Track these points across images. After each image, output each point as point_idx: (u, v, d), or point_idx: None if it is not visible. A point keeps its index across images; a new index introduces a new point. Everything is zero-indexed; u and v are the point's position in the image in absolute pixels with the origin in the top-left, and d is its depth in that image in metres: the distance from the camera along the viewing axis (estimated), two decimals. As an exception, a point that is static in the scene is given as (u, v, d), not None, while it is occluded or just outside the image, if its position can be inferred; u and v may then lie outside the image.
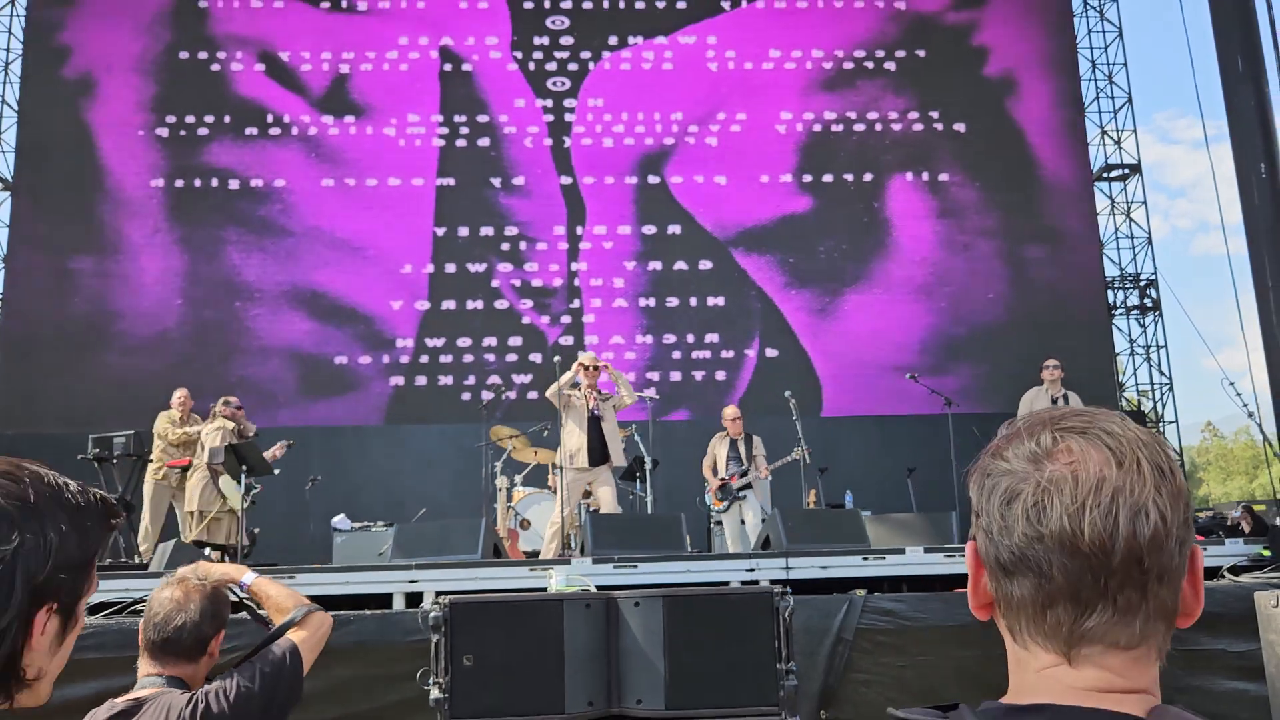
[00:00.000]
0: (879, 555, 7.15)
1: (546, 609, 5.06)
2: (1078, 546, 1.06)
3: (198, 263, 14.11)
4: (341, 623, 5.87)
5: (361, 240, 13.90)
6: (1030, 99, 17.00)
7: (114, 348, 14.11)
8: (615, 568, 6.84)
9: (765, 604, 5.01)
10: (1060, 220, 16.62)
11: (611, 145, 14.22)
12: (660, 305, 14.46)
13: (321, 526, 11.78)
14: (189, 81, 13.97)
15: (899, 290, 15.80)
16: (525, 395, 14.06)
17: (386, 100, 13.92)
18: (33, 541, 1.32)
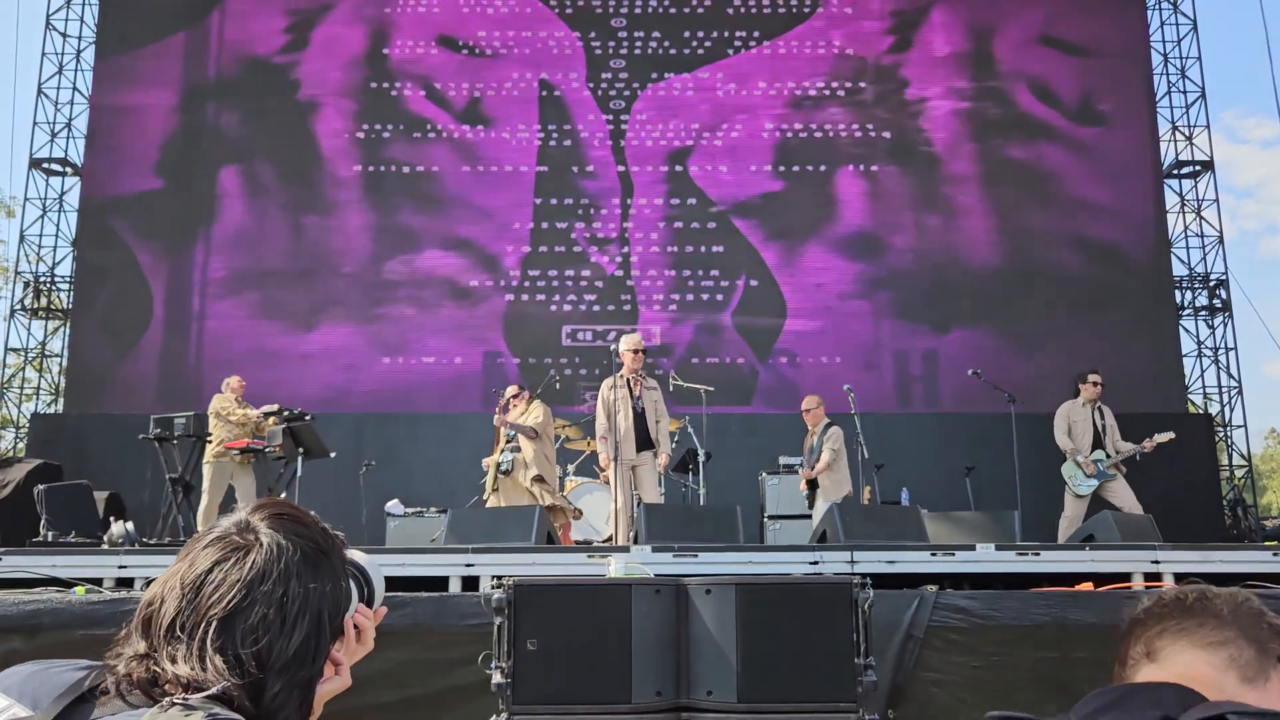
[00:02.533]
0: (948, 551, 6.90)
1: (614, 594, 4.86)
2: None
3: (383, 219, 16.71)
4: (399, 604, 5.76)
5: (488, 207, 16.72)
6: (1101, 90, 16.95)
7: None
8: (675, 556, 6.62)
9: (844, 595, 4.76)
10: (1129, 217, 16.55)
11: (651, 145, 17.07)
12: (681, 251, 16.68)
13: (375, 512, 11.83)
14: (377, 102, 16.96)
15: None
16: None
17: (504, 114, 17.08)
18: (333, 585, 1.42)
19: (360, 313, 16.26)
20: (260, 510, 1.45)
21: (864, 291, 16.44)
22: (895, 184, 16.79)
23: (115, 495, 11.94)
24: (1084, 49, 17.05)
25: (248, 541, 1.38)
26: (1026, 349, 15.69)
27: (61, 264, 17.21)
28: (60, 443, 14.84)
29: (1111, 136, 16.78)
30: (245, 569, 1.35)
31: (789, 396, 14.60)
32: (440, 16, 17.32)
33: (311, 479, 10.57)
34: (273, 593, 1.34)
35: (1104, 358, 15.26)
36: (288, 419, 10.40)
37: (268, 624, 1.32)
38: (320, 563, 1.41)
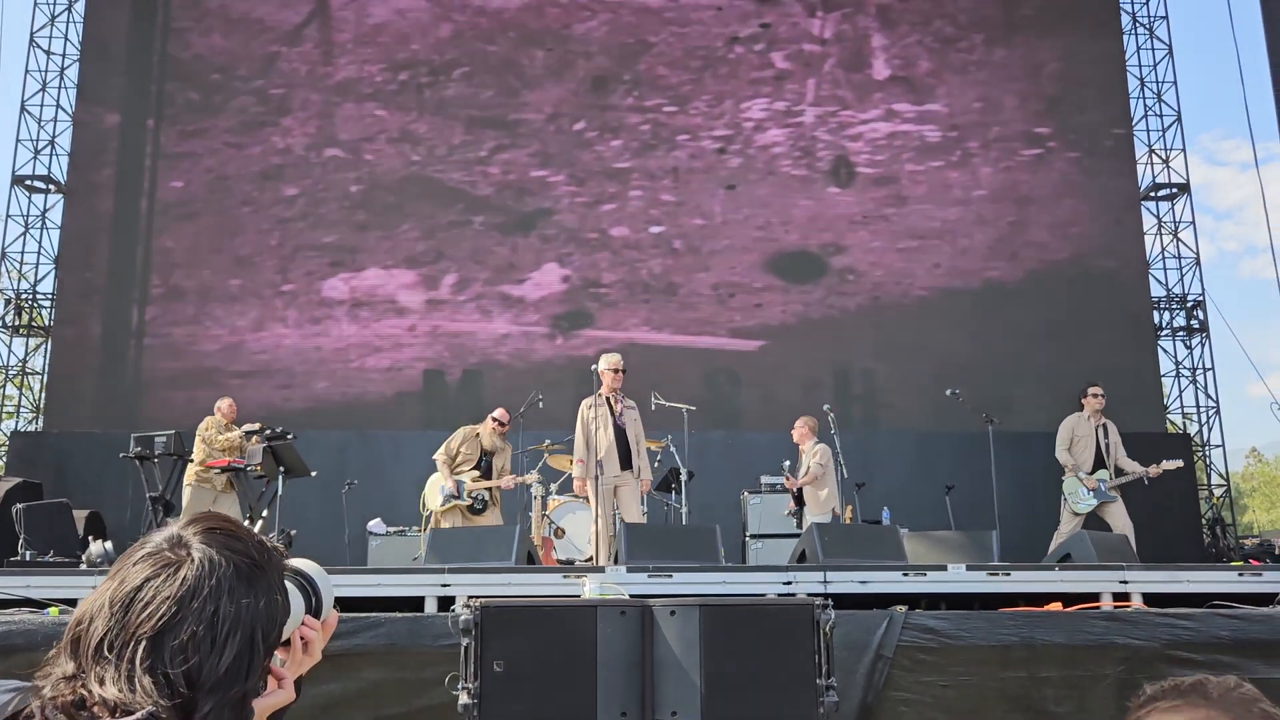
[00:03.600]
0: (919, 571, 6.96)
1: (580, 615, 4.92)
2: None
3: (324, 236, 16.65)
4: (372, 624, 5.78)
5: (431, 224, 15.97)
6: (1078, 115, 16.94)
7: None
8: (650, 577, 6.65)
9: (805, 616, 4.85)
10: (1106, 238, 16.60)
11: (595, 163, 16.90)
12: (622, 269, 16.73)
13: (357, 531, 11.80)
14: (323, 118, 16.86)
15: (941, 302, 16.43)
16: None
17: (445, 132, 16.53)
18: (268, 601, 1.39)
19: (299, 330, 16.23)
20: (193, 525, 1.42)
21: (811, 312, 16.47)
22: (845, 205, 16.81)
23: (95, 514, 11.93)
24: (1060, 73, 17.18)
25: (179, 557, 1.36)
26: (1006, 369, 15.77)
27: (43, 281, 17.27)
28: (40, 461, 14.86)
29: (1089, 158, 16.90)
30: (176, 585, 1.32)
31: (730, 416, 14.97)
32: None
33: (293, 498, 10.57)
34: (203, 610, 1.32)
35: (1083, 378, 15.30)
36: (269, 438, 10.36)
37: (198, 642, 1.30)
38: (255, 578, 1.39)
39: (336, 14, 17.27)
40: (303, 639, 1.55)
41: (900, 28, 17.41)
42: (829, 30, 17.41)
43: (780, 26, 17.42)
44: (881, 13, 17.47)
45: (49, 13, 17.89)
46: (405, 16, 17.32)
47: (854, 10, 17.49)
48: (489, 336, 16.28)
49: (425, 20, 17.32)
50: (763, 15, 17.46)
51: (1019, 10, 17.46)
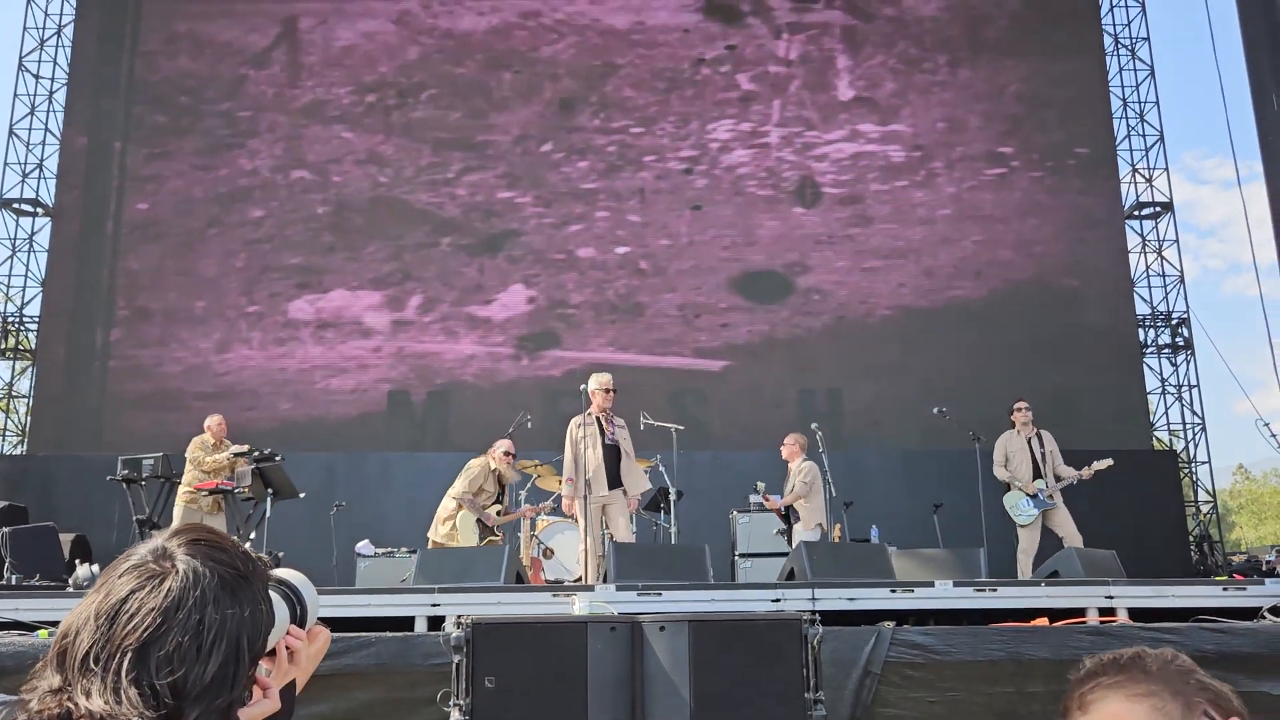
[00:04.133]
0: (907, 588, 6.98)
1: (570, 631, 4.93)
2: None
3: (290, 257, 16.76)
4: (363, 644, 5.75)
5: (397, 245, 15.88)
6: (1062, 135, 17.23)
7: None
8: (639, 595, 6.64)
9: (793, 631, 4.88)
10: (1091, 257, 16.88)
11: (561, 184, 17.03)
12: (589, 291, 16.83)
13: (346, 552, 11.73)
14: (290, 141, 16.97)
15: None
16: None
17: (413, 154, 15.88)
18: (253, 611, 1.39)
19: (264, 351, 16.21)
20: (178, 536, 1.42)
21: (777, 332, 16.59)
22: (810, 225, 16.94)
23: (81, 538, 11.80)
24: (1044, 95, 17.41)
25: (164, 569, 1.36)
26: (991, 388, 15.84)
27: (31, 304, 17.22)
28: (26, 484, 14.76)
29: (1073, 178, 17.13)
30: (161, 597, 1.32)
31: (697, 437, 14.81)
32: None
33: (282, 520, 10.54)
34: (188, 620, 1.32)
35: (1070, 395, 15.61)
36: (257, 459, 10.31)
37: (183, 652, 1.30)
38: (239, 588, 1.39)
39: (304, 37, 17.27)
40: (288, 649, 1.57)
41: (865, 49, 17.58)
42: (794, 52, 17.55)
43: (746, 48, 17.55)
44: (846, 34, 17.64)
45: (38, 37, 17.94)
46: (373, 39, 17.34)
47: (819, 32, 17.65)
48: (455, 357, 16.27)
49: (393, 43, 17.35)
50: (728, 37, 17.59)
51: (982, 32, 17.68)
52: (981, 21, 17.74)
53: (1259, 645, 6.05)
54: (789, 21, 17.69)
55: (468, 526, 9.97)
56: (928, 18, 17.74)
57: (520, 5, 17.57)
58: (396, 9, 17.47)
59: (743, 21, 17.68)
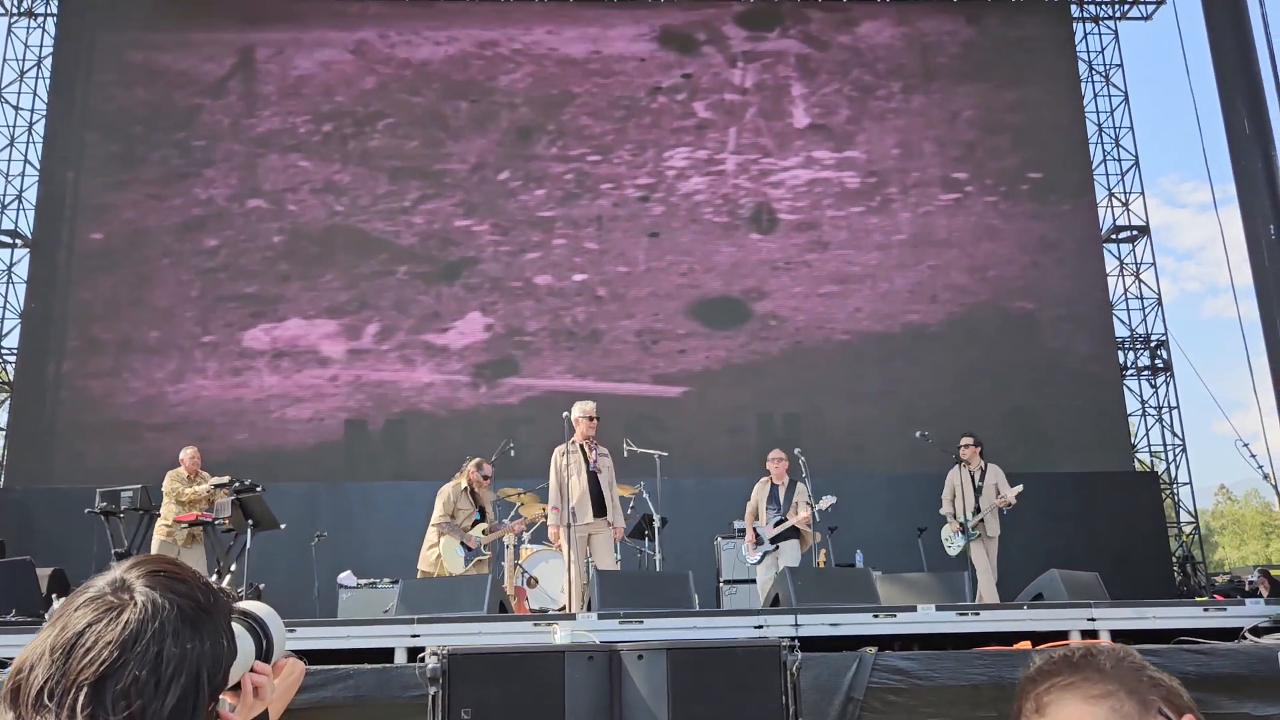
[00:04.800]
0: (890, 613, 6.96)
1: (548, 661, 4.89)
2: None
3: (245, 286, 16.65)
4: (340, 676, 5.68)
5: (353, 274, 15.97)
6: (1039, 160, 17.46)
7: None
8: (621, 623, 6.60)
9: (772, 658, 4.86)
10: (1070, 281, 17.08)
11: (518, 212, 17.05)
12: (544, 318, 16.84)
13: (327, 583, 11.66)
14: (246, 169, 16.88)
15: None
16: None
17: (369, 182, 15.81)
18: (212, 644, 1.35)
19: (219, 381, 16.15)
20: (137, 567, 1.38)
21: (734, 357, 16.63)
22: (766, 251, 17.03)
23: (60, 571, 11.61)
24: (1020, 123, 17.56)
25: (122, 601, 1.31)
26: (967, 410, 15.87)
27: (9, 335, 17.11)
28: (4, 517, 14.61)
29: (1051, 202, 17.29)
30: (118, 629, 1.28)
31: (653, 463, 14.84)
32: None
33: (262, 551, 10.42)
34: (146, 653, 1.27)
35: (1051, 418, 15.66)
36: (237, 490, 10.22)
37: (140, 686, 1.25)
38: (200, 620, 1.35)
39: (261, 67, 17.30)
40: (253, 684, 1.53)
41: (820, 76, 17.70)
42: (750, 80, 17.65)
43: (702, 77, 17.64)
44: (801, 62, 17.75)
45: (18, 68, 17.91)
46: (330, 69, 17.37)
47: (774, 60, 17.75)
48: (412, 386, 16.23)
49: (350, 72, 17.38)
50: (684, 66, 17.68)
51: (935, 59, 17.81)
52: (934, 49, 17.89)
53: (1240, 666, 6.05)
54: (744, 50, 17.80)
55: (451, 551, 9.90)
56: (881, 45, 17.88)
57: (477, 35, 17.64)
58: (354, 38, 17.51)
59: (698, 50, 17.78)
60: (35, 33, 18.08)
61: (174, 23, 17.30)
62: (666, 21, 17.90)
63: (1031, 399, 16.25)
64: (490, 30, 17.68)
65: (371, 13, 17.72)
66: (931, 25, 18.09)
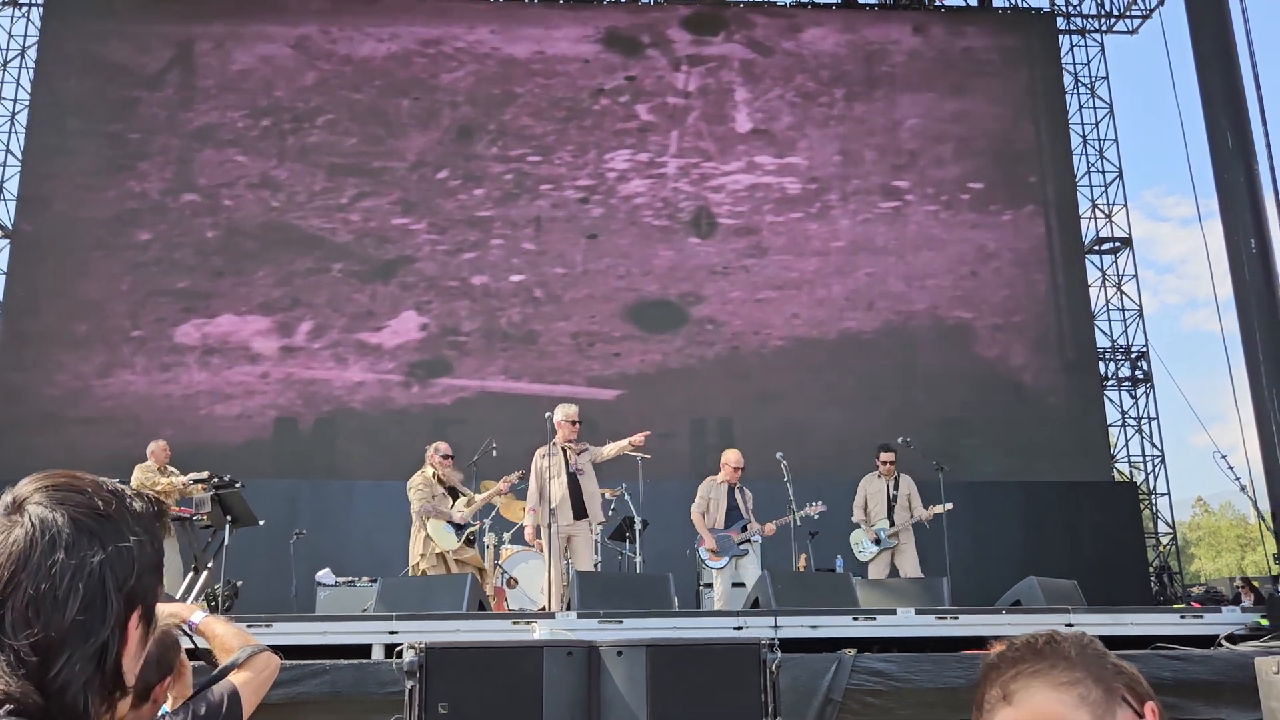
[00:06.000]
0: (869, 616, 7.00)
1: (526, 656, 4.90)
2: None
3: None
4: (316, 671, 5.68)
5: (287, 270, 16.21)
6: (1023, 171, 17.63)
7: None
8: (600, 623, 6.57)
9: (751, 657, 4.88)
10: (1052, 291, 17.17)
11: (456, 211, 16.84)
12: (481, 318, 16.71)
13: (306, 581, 11.52)
14: (181, 164, 16.72)
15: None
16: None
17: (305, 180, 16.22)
18: (115, 550, 1.31)
19: (147, 376, 15.95)
20: (33, 483, 1.35)
21: (670, 361, 16.55)
22: (705, 255, 17.01)
23: None
24: (938, 131, 17.65)
25: (13, 521, 1.29)
26: (909, 417, 15.86)
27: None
28: None
29: (1033, 213, 17.38)
30: (6, 550, 1.26)
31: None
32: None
33: (241, 548, 10.33)
34: (39, 569, 1.25)
35: (1031, 427, 15.71)
36: (216, 486, 10.11)
37: (37, 604, 1.24)
38: (100, 528, 1.31)
39: (200, 60, 17.15)
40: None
41: (763, 82, 17.68)
42: (693, 84, 17.61)
43: (645, 79, 17.59)
44: (745, 67, 17.73)
45: (1, 58, 17.64)
46: (269, 63, 17.24)
47: (718, 65, 17.73)
48: (344, 384, 16.10)
49: (290, 67, 17.26)
50: (628, 68, 17.63)
51: (879, 67, 17.82)
52: (878, 57, 17.90)
53: (1215, 673, 6.12)
54: (689, 54, 17.77)
55: (440, 531, 9.78)
56: (825, 52, 17.89)
57: (420, 33, 17.54)
58: (295, 34, 17.38)
59: (643, 53, 17.73)
60: (19, 22, 17.89)
61: (112, 14, 17.13)
62: (611, 24, 17.86)
63: (1012, 406, 16.33)
64: (434, 28, 17.59)
65: (314, 8, 17.60)
66: (877, 33, 18.13)
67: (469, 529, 9.88)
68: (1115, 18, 19.35)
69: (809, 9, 18.28)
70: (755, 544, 10.27)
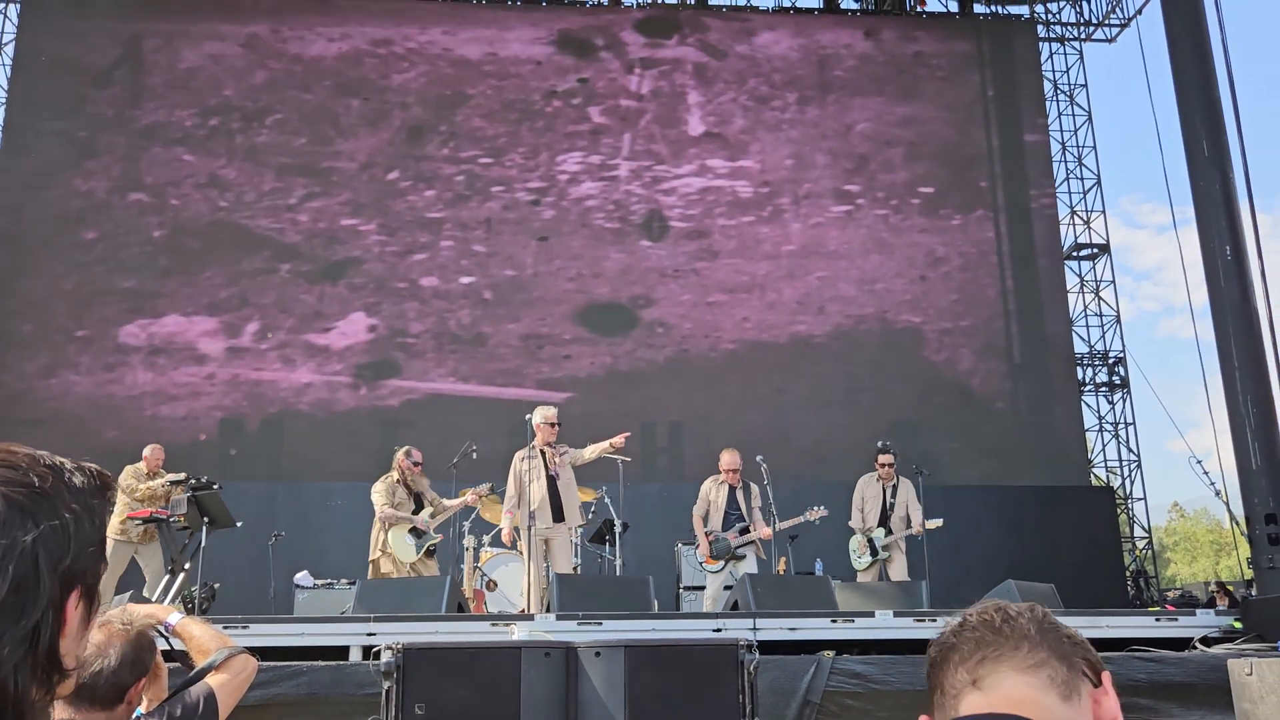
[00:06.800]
0: (848, 618, 7.07)
1: (504, 657, 4.92)
2: None
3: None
4: (294, 673, 5.69)
5: (234, 271, 16.22)
6: (1003, 178, 17.78)
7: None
8: (579, 625, 6.62)
9: (729, 657, 4.90)
10: (1031, 297, 17.33)
11: (407, 213, 16.91)
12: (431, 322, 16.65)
13: (284, 583, 11.43)
14: (126, 163, 16.51)
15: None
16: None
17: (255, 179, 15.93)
18: (49, 527, 1.26)
19: (91, 377, 15.79)
20: None
21: (620, 364, 16.55)
22: (656, 258, 17.00)
23: None
24: (890, 135, 17.71)
25: None
26: (901, 420, 15.91)
27: None
28: None
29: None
30: None
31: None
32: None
33: (219, 550, 10.20)
34: None
35: (1010, 432, 15.74)
36: (194, 487, 9.99)
37: None
38: (33, 504, 1.25)
39: (148, 58, 16.99)
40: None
41: (716, 85, 17.68)
42: (646, 86, 17.59)
43: (598, 82, 17.56)
44: (698, 70, 17.73)
45: None
46: (219, 62, 17.10)
47: (671, 68, 17.72)
48: (290, 386, 15.99)
49: (240, 66, 17.13)
50: (581, 70, 17.60)
51: (833, 72, 17.85)
52: (831, 62, 17.93)
53: (1190, 674, 6.23)
54: (642, 56, 17.75)
55: (400, 541, 9.81)
56: (778, 56, 17.91)
57: (371, 33, 17.45)
58: (245, 32, 17.25)
59: (596, 55, 17.71)
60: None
61: (58, 10, 16.96)
62: (565, 26, 17.83)
63: (991, 411, 16.48)
64: (385, 28, 17.50)
65: (264, 7, 17.48)
66: (829, 38, 18.18)
67: (430, 541, 9.87)
68: (1094, 26, 19.54)
69: (763, 14, 18.32)
70: (756, 545, 10.16)
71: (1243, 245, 9.07)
